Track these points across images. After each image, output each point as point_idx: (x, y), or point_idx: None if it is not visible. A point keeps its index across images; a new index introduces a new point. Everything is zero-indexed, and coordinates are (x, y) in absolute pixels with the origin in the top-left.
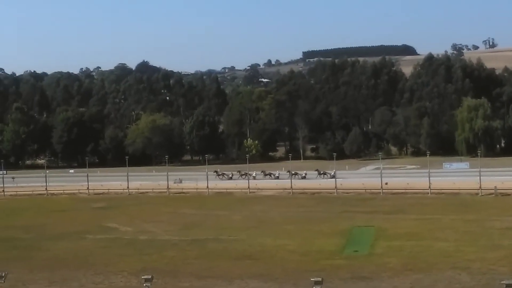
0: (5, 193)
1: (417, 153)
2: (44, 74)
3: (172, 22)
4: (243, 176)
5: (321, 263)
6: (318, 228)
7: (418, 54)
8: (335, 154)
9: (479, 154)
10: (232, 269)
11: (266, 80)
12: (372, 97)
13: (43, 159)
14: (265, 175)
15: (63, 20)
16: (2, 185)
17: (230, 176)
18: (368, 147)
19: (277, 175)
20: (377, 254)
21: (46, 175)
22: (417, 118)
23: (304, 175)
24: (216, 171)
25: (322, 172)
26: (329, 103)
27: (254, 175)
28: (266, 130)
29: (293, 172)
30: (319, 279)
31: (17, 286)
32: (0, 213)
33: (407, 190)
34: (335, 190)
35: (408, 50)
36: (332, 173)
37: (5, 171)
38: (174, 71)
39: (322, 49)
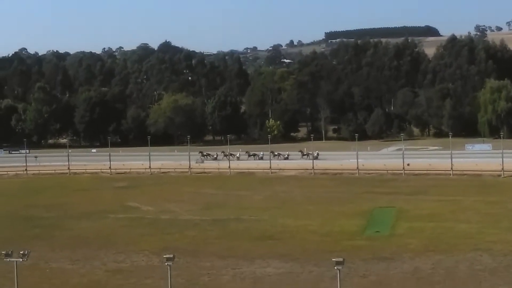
0: (27, 171)
1: (439, 134)
2: (67, 53)
3: (195, 2)
4: (227, 157)
5: (342, 244)
6: (340, 208)
7: (441, 36)
8: (357, 135)
9: (501, 135)
10: (254, 249)
11: (288, 60)
12: (394, 78)
13: (65, 139)
14: (249, 155)
15: (85, 1)
16: (25, 164)
17: (215, 156)
18: (390, 128)
19: (261, 156)
20: (399, 235)
21: (68, 154)
22: (440, 100)
23: (286, 156)
24: (201, 152)
25: (305, 153)
26: (351, 84)
27: (238, 155)
28: (288, 110)
29: (276, 153)
30: (341, 259)
31: (39, 264)
32: (23, 192)
33: (429, 171)
34: (356, 171)
35: (431, 31)
36: (315, 154)
37: (28, 150)
38: (196, 51)
39: (344, 30)
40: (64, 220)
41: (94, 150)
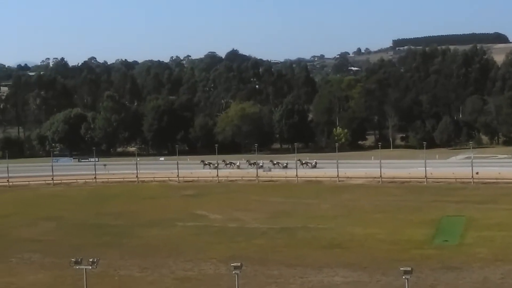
0: (97, 180)
1: (509, 142)
2: (135, 62)
3: (262, 10)
4: (228, 165)
5: (410, 253)
6: (408, 217)
7: (510, 42)
8: (425, 143)
9: None
10: (321, 257)
11: (355, 68)
12: (462, 86)
13: (134, 147)
14: (250, 164)
15: (153, 10)
16: (94, 172)
17: (216, 165)
18: (458, 136)
19: (261, 164)
20: (468, 244)
21: (137, 163)
22: (509, 107)
23: (285, 164)
24: (202, 161)
25: (304, 161)
26: (419, 91)
27: (238, 164)
28: (356, 118)
29: (275, 162)
30: (409, 268)
31: (109, 272)
32: (92, 200)
33: (498, 180)
34: (425, 179)
35: (500, 38)
36: (313, 163)
37: (97, 158)
38: (264, 59)
39: (412, 37)
40: (133, 228)
41: (162, 159)
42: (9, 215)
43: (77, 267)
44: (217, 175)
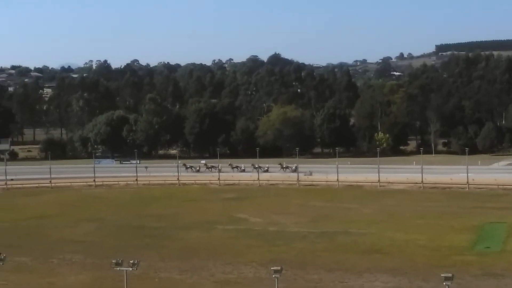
0: (138, 182)
1: None
2: (178, 65)
3: (304, 14)
4: (210, 169)
5: (451, 259)
6: (449, 223)
7: None
8: (467, 149)
9: None
10: (361, 262)
11: (398, 73)
12: (506, 92)
13: (175, 150)
14: (232, 168)
15: (196, 14)
16: (135, 174)
17: (198, 169)
18: (501, 142)
19: (243, 168)
20: (510, 251)
21: (178, 165)
22: None
23: (266, 168)
24: (184, 164)
25: (284, 166)
26: (462, 97)
27: (219, 167)
28: (397, 124)
29: (256, 166)
30: (449, 275)
31: (149, 274)
32: (134, 202)
33: None
34: (466, 186)
35: None
36: (294, 167)
37: (138, 161)
38: (306, 63)
39: (455, 42)
40: (173, 230)
41: (203, 161)
42: (51, 216)
43: (118, 269)
44: (258, 178)
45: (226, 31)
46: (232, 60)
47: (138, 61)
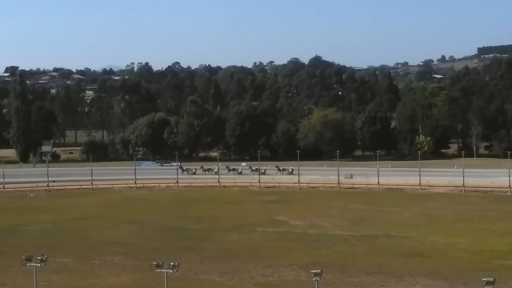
0: (179, 184)
1: None
2: (219, 68)
3: (346, 17)
4: (206, 172)
5: (493, 263)
6: (491, 227)
7: None
8: (509, 152)
9: None
10: (402, 266)
11: (439, 76)
12: None
13: (216, 152)
14: (229, 170)
15: (237, 17)
16: (176, 176)
17: (194, 171)
18: None
19: (239, 170)
20: None
21: (218, 168)
22: None
23: (263, 171)
24: (180, 166)
25: (281, 168)
26: (504, 100)
27: (215, 170)
28: (439, 126)
29: (253, 168)
30: (491, 279)
31: (189, 276)
32: (174, 204)
33: None
34: (508, 189)
35: None
36: (290, 170)
37: (179, 163)
38: (347, 66)
39: (497, 45)
40: (213, 233)
41: (244, 164)
42: (92, 218)
43: (158, 271)
44: (298, 181)
45: (267, 34)
46: (273, 62)
47: (179, 63)
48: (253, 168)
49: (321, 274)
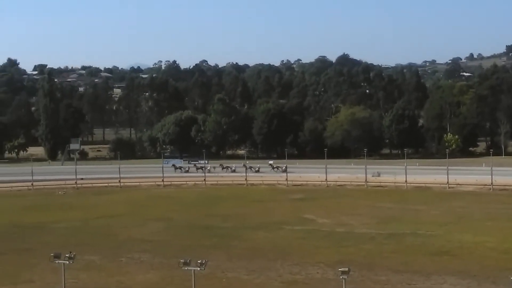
0: (206, 182)
1: None
2: (246, 66)
3: (373, 15)
4: (199, 170)
5: None
6: None
7: None
8: None
9: None
10: (430, 264)
11: (467, 74)
12: None
13: (243, 150)
14: (223, 168)
15: (265, 15)
16: (203, 174)
17: (187, 169)
18: None
19: (233, 168)
20: None
21: (246, 166)
22: None
23: (257, 168)
24: (173, 165)
25: (275, 166)
26: None
27: (209, 168)
28: (467, 125)
29: (248, 166)
30: None
31: (216, 273)
32: (201, 202)
33: None
34: None
35: None
36: (284, 167)
37: (206, 161)
38: (374, 64)
39: None
40: (241, 231)
41: (271, 162)
42: (120, 215)
43: (186, 268)
44: (326, 179)
45: (294, 32)
46: (301, 60)
47: (206, 61)
48: (248, 166)
49: (348, 272)
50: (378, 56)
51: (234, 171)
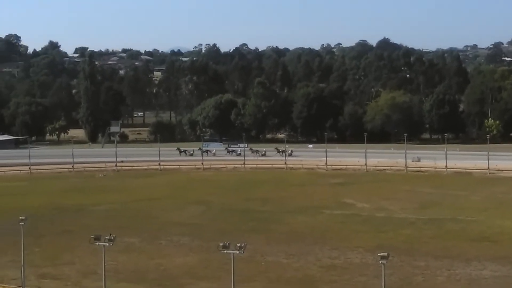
0: (245, 165)
1: None
2: (286, 49)
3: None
4: (204, 154)
5: None
6: None
7: None
8: None
9: None
10: (469, 250)
11: (509, 59)
12: None
13: (283, 134)
14: (228, 151)
15: None
16: (243, 158)
17: (191, 152)
18: None
19: (239, 152)
20: None
21: (285, 150)
22: None
23: (264, 152)
24: (178, 148)
25: (281, 150)
26: None
27: (214, 152)
28: (508, 110)
29: (254, 150)
30: None
31: (255, 257)
32: (241, 185)
33: None
34: None
35: None
36: (290, 152)
37: (246, 144)
38: (415, 48)
39: None
40: (280, 214)
41: (310, 146)
42: (160, 198)
43: (225, 252)
44: (365, 164)
45: (335, 16)
46: (341, 44)
47: (246, 45)
48: (254, 150)
49: (387, 257)
50: (419, 41)
51: (239, 154)
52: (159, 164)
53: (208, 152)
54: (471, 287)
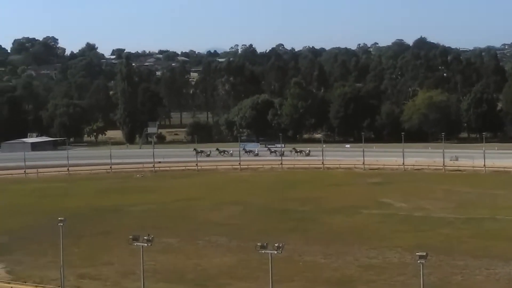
0: (283, 165)
1: None
2: (322, 49)
3: None
4: (221, 154)
5: None
6: None
7: None
8: None
9: None
10: (509, 249)
11: None
12: None
13: (320, 134)
14: (245, 152)
15: None
16: (280, 158)
17: (208, 153)
18: None
19: (256, 152)
20: None
21: (322, 149)
22: None
23: (308, 152)
24: (195, 149)
25: (298, 150)
26: None
27: (231, 152)
28: None
29: (298, 150)
30: None
31: (293, 257)
32: (278, 185)
33: None
34: None
35: None
36: (307, 151)
37: (283, 145)
38: (452, 47)
39: None
40: (317, 214)
41: (348, 146)
42: (197, 198)
43: (263, 252)
44: (403, 163)
45: (371, 15)
46: (377, 44)
47: (283, 45)
48: (272, 150)
49: (426, 256)
50: (456, 39)
51: (257, 154)
52: (196, 164)
53: (251, 152)
54: (510, 287)
